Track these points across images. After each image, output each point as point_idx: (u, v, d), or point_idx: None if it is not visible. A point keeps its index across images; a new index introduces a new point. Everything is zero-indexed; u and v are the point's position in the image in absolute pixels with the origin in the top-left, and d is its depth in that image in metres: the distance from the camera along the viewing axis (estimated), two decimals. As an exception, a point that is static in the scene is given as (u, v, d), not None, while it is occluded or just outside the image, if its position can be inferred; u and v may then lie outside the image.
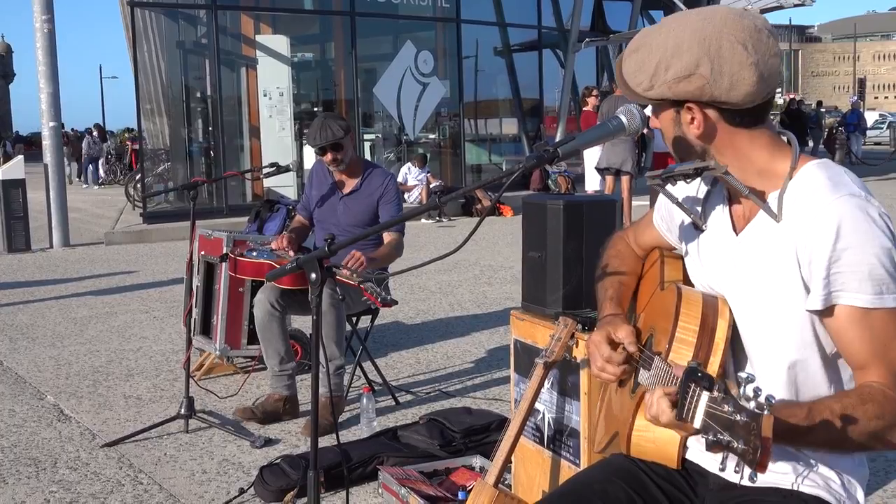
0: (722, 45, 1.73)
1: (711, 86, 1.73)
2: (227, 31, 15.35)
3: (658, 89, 1.79)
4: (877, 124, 40.27)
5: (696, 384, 1.45)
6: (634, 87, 1.83)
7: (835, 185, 1.71)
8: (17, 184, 12.08)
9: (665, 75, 1.77)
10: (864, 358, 1.68)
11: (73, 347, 6.43)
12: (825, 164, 1.78)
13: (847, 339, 1.70)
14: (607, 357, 1.98)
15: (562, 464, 3.09)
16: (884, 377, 1.66)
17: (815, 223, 1.68)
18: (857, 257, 1.65)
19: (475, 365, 5.72)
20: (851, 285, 1.66)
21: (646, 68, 1.79)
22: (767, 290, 1.78)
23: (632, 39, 1.87)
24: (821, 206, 1.69)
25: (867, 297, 1.66)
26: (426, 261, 2.19)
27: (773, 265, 1.76)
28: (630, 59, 1.84)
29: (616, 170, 11.70)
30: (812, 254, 1.68)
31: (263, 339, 4.57)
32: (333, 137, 4.70)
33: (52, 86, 12.45)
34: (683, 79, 1.75)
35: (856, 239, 1.65)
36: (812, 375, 1.79)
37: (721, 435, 1.37)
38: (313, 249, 4.62)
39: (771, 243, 1.77)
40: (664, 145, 10.10)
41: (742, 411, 1.36)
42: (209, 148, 15.74)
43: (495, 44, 19.06)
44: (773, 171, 1.79)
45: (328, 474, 3.64)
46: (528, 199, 3.39)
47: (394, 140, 17.83)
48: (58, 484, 3.91)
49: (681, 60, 1.75)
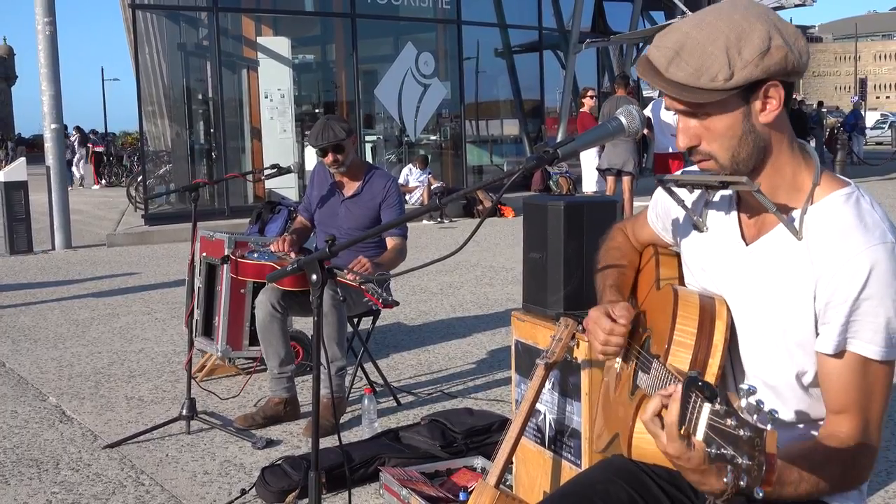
0: (773, 17, 1.69)
1: (792, 53, 1.67)
2: (228, 33, 15.37)
3: (742, 73, 1.66)
4: (878, 124, 40.26)
5: (697, 394, 1.42)
6: (707, 85, 1.67)
7: (866, 228, 1.66)
8: (19, 186, 12.09)
9: (742, 58, 1.66)
10: (846, 404, 1.67)
11: (75, 349, 6.44)
12: (854, 196, 1.72)
13: (837, 383, 1.68)
14: (609, 329, 1.96)
15: (563, 464, 3.09)
16: (855, 426, 1.66)
17: (844, 267, 1.64)
18: (877, 308, 1.63)
19: (476, 366, 5.72)
20: (865, 335, 1.64)
21: (715, 60, 1.66)
22: (774, 307, 1.75)
23: (656, 51, 1.74)
24: (853, 250, 1.64)
25: (877, 348, 1.64)
26: (427, 262, 2.20)
27: (786, 285, 1.73)
28: (678, 64, 1.69)
29: (617, 170, 11.70)
30: (834, 296, 1.65)
31: (264, 341, 4.57)
32: (335, 138, 4.71)
33: (53, 88, 12.47)
34: (765, 53, 1.66)
35: (880, 290, 1.62)
36: (808, 401, 1.78)
37: (724, 449, 1.34)
38: (314, 251, 4.62)
39: (787, 262, 1.74)
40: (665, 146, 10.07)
41: (745, 426, 1.33)
42: (210, 150, 15.76)
43: (496, 45, 19.07)
44: (798, 183, 1.75)
45: (329, 475, 3.64)
46: (528, 199, 3.39)
47: (395, 141, 17.85)
48: (60, 485, 3.92)
49: (752, 38, 1.66)
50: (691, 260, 1.97)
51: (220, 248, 5.11)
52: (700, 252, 1.94)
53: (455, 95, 17.54)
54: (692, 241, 1.97)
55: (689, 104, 1.71)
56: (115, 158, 28.33)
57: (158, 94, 15.47)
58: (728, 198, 1.90)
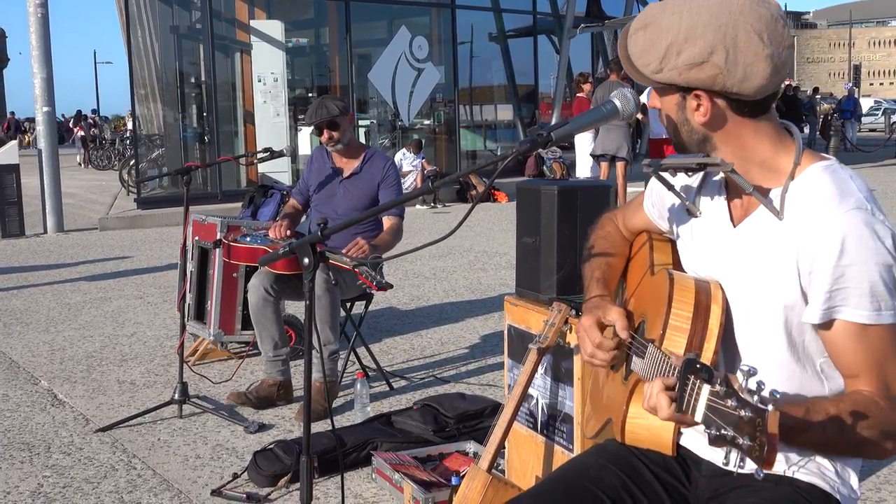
0: (738, 33, 1.66)
1: (724, 76, 1.67)
2: (221, 16, 15.28)
3: (667, 73, 1.72)
4: (871, 111, 40.26)
5: (695, 376, 1.42)
6: (641, 69, 1.75)
7: (842, 196, 1.67)
8: (11, 169, 12.04)
9: (676, 60, 1.70)
10: (857, 369, 1.68)
11: (66, 332, 6.42)
12: (831, 167, 1.74)
13: (841, 351, 1.69)
14: (598, 343, 1.97)
15: (555, 449, 3.09)
16: (874, 387, 1.65)
17: (819, 235, 1.65)
18: (860, 274, 1.63)
19: (469, 351, 5.72)
20: (851, 301, 1.64)
21: (655, 49, 1.72)
22: (762, 287, 1.76)
23: (639, 15, 1.79)
24: (827, 217, 1.66)
25: (865, 313, 1.64)
26: (419, 245, 2.18)
27: (771, 263, 1.74)
28: (637, 37, 1.76)
29: (611, 156, 11.68)
30: (814, 265, 1.66)
31: (257, 325, 4.56)
32: (328, 115, 4.71)
33: (45, 71, 12.38)
34: (696, 66, 1.68)
35: (859, 256, 1.63)
36: (798, 375, 1.78)
37: (725, 430, 1.35)
38: (308, 234, 4.61)
39: (770, 240, 1.75)
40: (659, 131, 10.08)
41: (746, 406, 1.33)
42: (203, 133, 15.69)
43: (490, 29, 19.01)
44: (776, 165, 1.76)
45: (322, 459, 3.64)
46: (522, 184, 3.38)
47: (388, 126, 17.79)
48: (51, 469, 3.91)
49: (694, 46, 1.68)
50: (687, 245, 1.98)
51: (213, 231, 5.09)
52: (694, 236, 1.95)
53: (449, 80, 17.48)
54: (687, 226, 1.97)
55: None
56: (106, 141, 28.22)
57: (151, 78, 15.39)
58: (718, 182, 1.91)
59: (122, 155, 23.94)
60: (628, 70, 1.78)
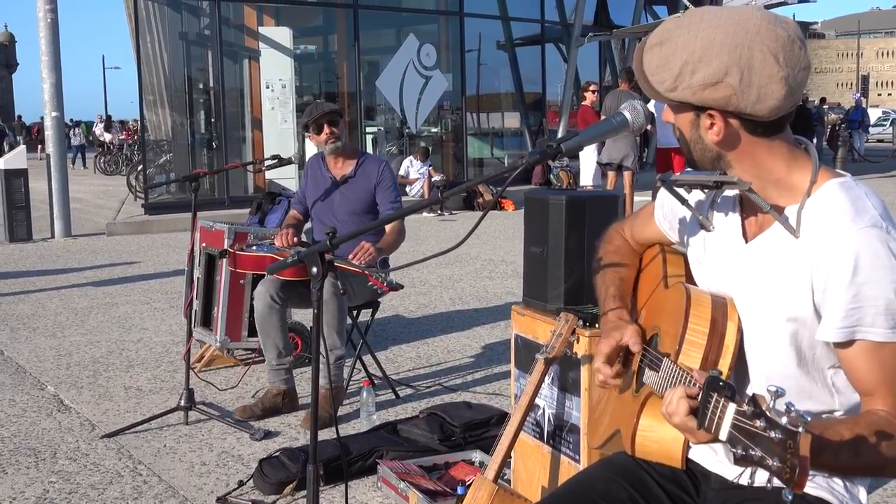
0: (754, 55, 1.66)
1: (738, 97, 1.67)
2: (229, 23, 15.33)
3: (681, 92, 1.71)
4: (880, 121, 40.23)
5: (718, 393, 1.41)
6: (655, 86, 1.75)
7: (857, 213, 1.66)
8: (19, 173, 12.07)
9: (690, 79, 1.69)
10: (873, 387, 1.67)
11: (73, 338, 6.43)
12: (847, 184, 1.73)
13: (856, 369, 1.68)
14: (612, 374, 1.99)
15: (562, 459, 3.09)
16: (890, 406, 1.65)
17: (834, 252, 1.64)
18: (875, 292, 1.62)
19: (475, 359, 5.71)
20: (867, 319, 1.64)
21: (670, 67, 1.72)
22: (773, 302, 1.75)
23: (655, 30, 1.79)
24: (841, 235, 1.65)
25: (881, 330, 1.63)
26: (428, 256, 2.18)
27: (784, 279, 1.73)
28: (652, 53, 1.76)
29: (618, 165, 11.68)
30: (828, 282, 1.65)
31: (262, 332, 4.56)
32: (329, 107, 4.78)
33: (54, 76, 12.44)
34: (710, 86, 1.68)
35: (874, 273, 1.62)
36: (807, 388, 1.77)
37: (752, 450, 1.33)
38: (313, 243, 4.61)
39: (784, 257, 1.74)
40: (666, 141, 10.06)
41: (776, 427, 1.31)
42: (211, 139, 15.73)
43: (498, 37, 19.04)
44: (791, 183, 1.75)
45: (327, 468, 3.63)
46: (529, 193, 3.37)
47: (396, 133, 17.82)
48: (57, 474, 3.91)
49: (709, 66, 1.67)
50: (699, 259, 1.97)
51: (220, 238, 5.10)
52: (707, 250, 1.94)
53: (456, 87, 17.51)
54: (699, 240, 1.96)
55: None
56: (114, 147, 28.31)
57: (159, 83, 15.44)
58: (732, 198, 1.89)
59: (130, 160, 24.00)
60: (643, 86, 1.78)
